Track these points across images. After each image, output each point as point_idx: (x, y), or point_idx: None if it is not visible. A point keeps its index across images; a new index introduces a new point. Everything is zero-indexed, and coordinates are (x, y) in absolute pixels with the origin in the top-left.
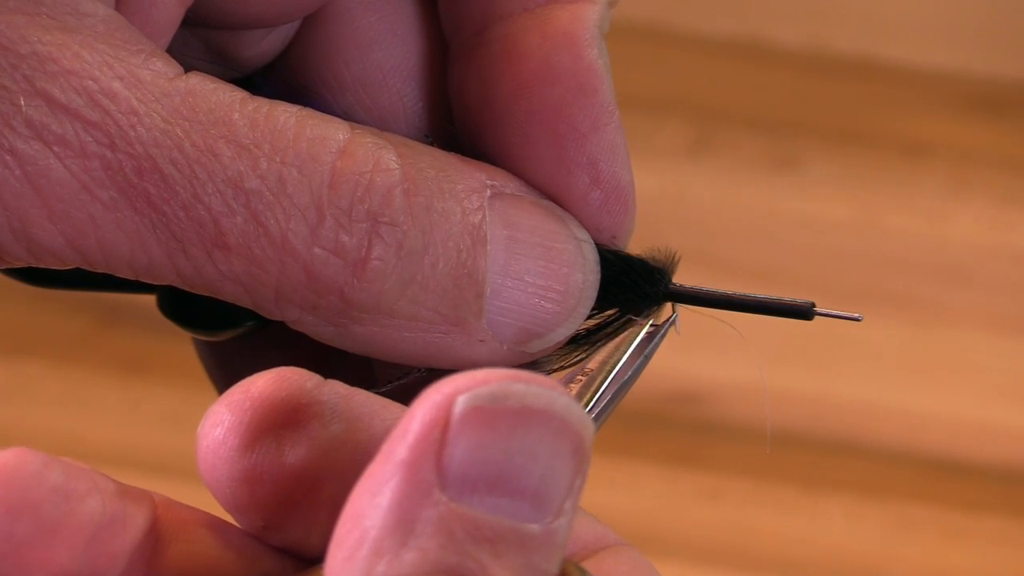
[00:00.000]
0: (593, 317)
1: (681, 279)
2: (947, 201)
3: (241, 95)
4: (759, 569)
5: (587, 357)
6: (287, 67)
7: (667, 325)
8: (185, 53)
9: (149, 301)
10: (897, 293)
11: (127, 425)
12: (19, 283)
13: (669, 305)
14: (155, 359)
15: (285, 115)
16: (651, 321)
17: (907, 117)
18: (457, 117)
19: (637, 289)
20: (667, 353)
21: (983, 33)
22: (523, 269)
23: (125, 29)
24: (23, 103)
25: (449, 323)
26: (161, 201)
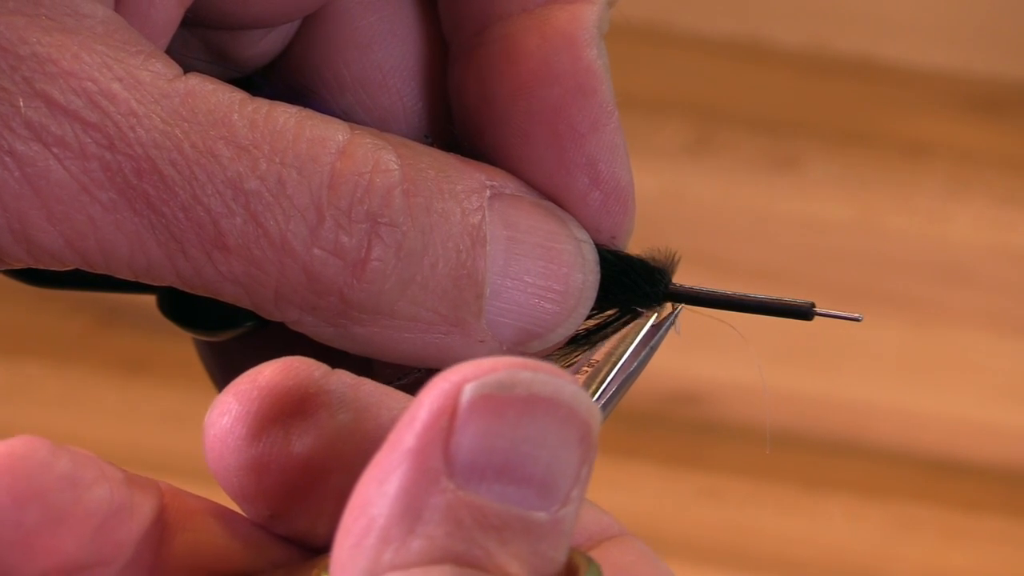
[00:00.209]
0: (593, 317)
1: (681, 279)
2: (947, 201)
3: (240, 96)
4: (759, 569)
5: (589, 352)
6: (287, 67)
7: (671, 319)
8: (184, 53)
9: (149, 301)
10: (897, 293)
11: (127, 425)
12: (19, 283)
13: (669, 305)
14: (155, 359)
15: (284, 116)
16: (656, 314)
17: (907, 117)
18: (456, 117)
19: (637, 289)
20: (667, 353)
21: (983, 33)
22: (523, 269)
23: (124, 30)
24: (22, 104)
25: (449, 324)
26: (160, 202)
